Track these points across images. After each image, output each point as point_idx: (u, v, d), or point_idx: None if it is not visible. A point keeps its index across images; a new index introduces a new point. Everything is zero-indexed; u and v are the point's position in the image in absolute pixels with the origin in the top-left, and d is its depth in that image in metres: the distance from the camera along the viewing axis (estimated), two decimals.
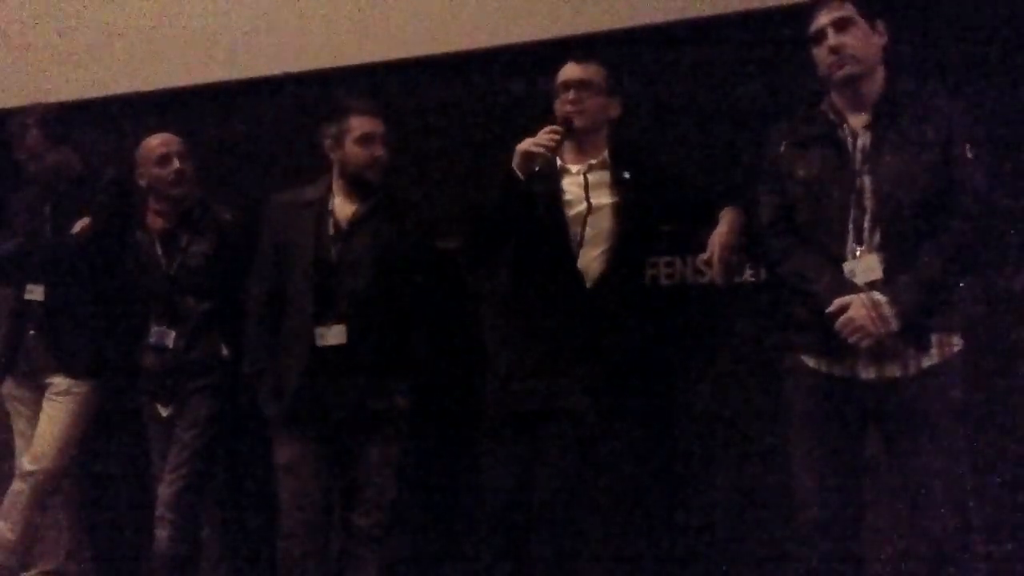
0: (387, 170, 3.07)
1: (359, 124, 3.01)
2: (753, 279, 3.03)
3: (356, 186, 3.05)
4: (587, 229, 2.78)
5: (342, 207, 3.05)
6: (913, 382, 2.37)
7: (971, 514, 2.38)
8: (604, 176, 2.84)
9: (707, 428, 3.09)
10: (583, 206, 2.79)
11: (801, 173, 2.49)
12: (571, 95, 2.80)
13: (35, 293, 3.40)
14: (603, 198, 2.81)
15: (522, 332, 2.81)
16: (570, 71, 2.84)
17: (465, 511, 3.29)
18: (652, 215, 2.83)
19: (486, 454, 2.88)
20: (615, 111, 2.89)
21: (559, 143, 2.69)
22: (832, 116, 2.50)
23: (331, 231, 3.01)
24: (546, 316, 2.77)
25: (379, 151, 3.02)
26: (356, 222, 3.02)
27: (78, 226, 3.37)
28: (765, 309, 2.96)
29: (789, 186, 2.52)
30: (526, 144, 2.67)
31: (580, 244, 2.77)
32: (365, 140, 3.01)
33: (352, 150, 3.02)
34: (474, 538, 3.20)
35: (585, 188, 2.81)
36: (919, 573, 2.41)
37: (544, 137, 2.68)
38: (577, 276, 2.76)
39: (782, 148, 2.55)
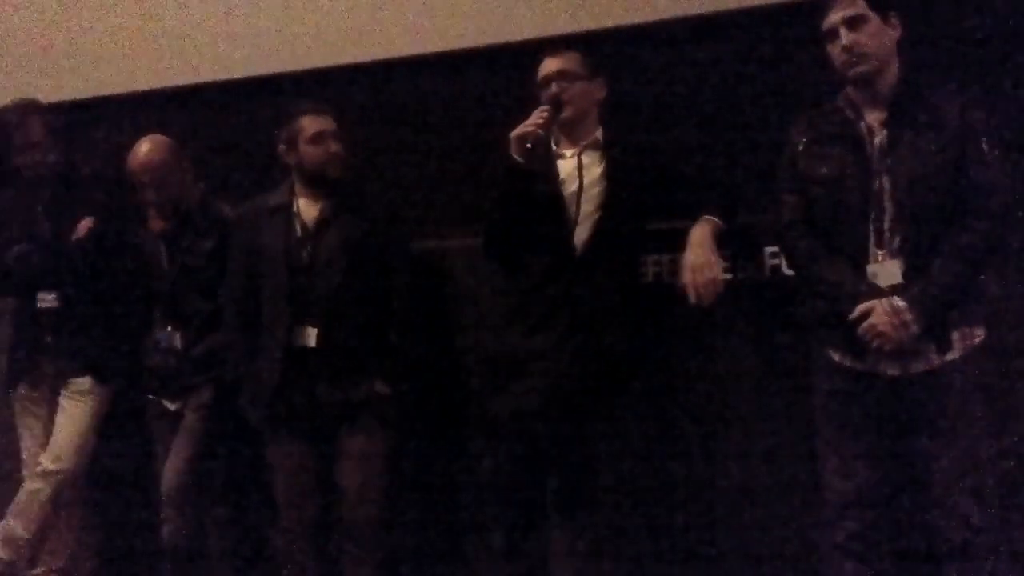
0: (346, 166, 3.09)
1: (310, 123, 3.06)
2: (756, 275, 3.01)
3: (318, 186, 3.08)
4: (582, 206, 2.81)
5: (307, 209, 3.08)
6: (937, 376, 2.40)
7: (995, 505, 2.39)
8: (596, 155, 2.87)
9: (715, 427, 3.08)
10: (576, 184, 2.83)
11: (821, 171, 2.50)
12: (553, 88, 2.84)
13: (48, 300, 3.37)
14: (595, 174, 2.84)
15: (519, 312, 2.84)
16: (547, 65, 2.89)
17: (460, 507, 3.29)
18: (641, 183, 2.82)
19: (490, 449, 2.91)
20: (600, 92, 2.92)
21: (549, 121, 2.73)
22: (849, 113, 2.50)
23: (299, 233, 3.04)
24: (542, 293, 2.80)
25: (333, 147, 3.06)
26: (322, 222, 3.05)
27: (82, 228, 3.35)
28: (768, 307, 2.96)
29: (809, 185, 2.52)
30: (518, 128, 2.72)
31: (576, 221, 2.80)
32: (318, 138, 3.05)
33: (306, 150, 3.05)
34: (469, 534, 3.22)
35: (579, 168, 2.85)
36: (944, 566, 2.42)
37: (534, 116, 2.72)
38: (572, 253, 2.79)
39: (800, 146, 2.56)
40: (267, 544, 3.41)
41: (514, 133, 2.72)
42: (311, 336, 2.96)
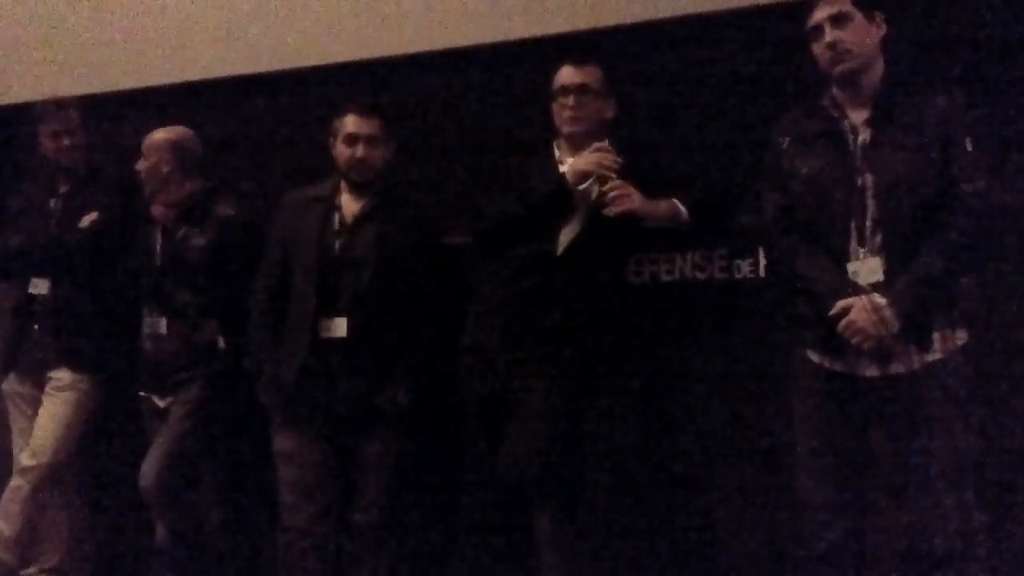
0: (381, 170, 3.10)
1: (348, 124, 3.07)
2: (753, 275, 3.03)
3: (352, 183, 3.09)
4: (573, 208, 2.82)
5: (348, 203, 3.10)
6: (916, 378, 2.38)
7: (975, 509, 2.37)
8: None
9: (711, 428, 3.09)
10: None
11: (803, 170, 2.50)
12: (570, 100, 2.87)
13: (40, 287, 3.41)
14: (590, 179, 2.84)
15: (495, 306, 2.87)
16: (568, 76, 2.90)
17: (466, 508, 3.28)
18: (637, 188, 2.82)
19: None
20: (611, 112, 2.95)
21: (615, 168, 2.78)
22: (833, 111, 2.50)
23: (336, 226, 3.06)
24: (519, 288, 2.83)
25: (361, 152, 3.06)
26: (360, 218, 3.06)
27: (86, 220, 3.39)
28: (765, 305, 2.96)
29: (791, 183, 2.52)
30: (585, 164, 2.78)
31: (564, 221, 2.81)
32: (350, 140, 3.06)
33: (339, 149, 3.09)
34: (474, 536, 3.21)
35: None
36: (923, 569, 2.40)
37: (608, 160, 2.77)
38: (553, 250, 2.82)
39: (784, 144, 2.56)
40: (262, 542, 3.41)
41: (578, 166, 2.77)
42: (337, 328, 2.97)
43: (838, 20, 2.45)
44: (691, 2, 3.13)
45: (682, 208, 2.82)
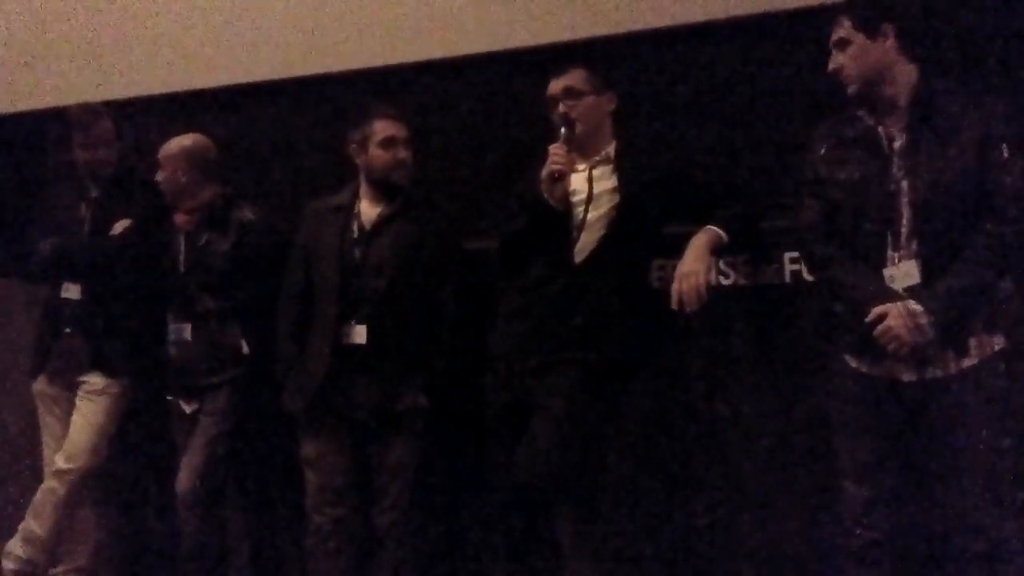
0: (412, 172, 3.13)
1: (382, 128, 3.09)
2: (777, 280, 3.01)
3: (382, 189, 3.11)
4: (589, 214, 2.82)
5: (367, 210, 3.12)
6: (954, 382, 2.40)
7: (1012, 512, 2.38)
8: (609, 169, 2.89)
9: (733, 433, 3.07)
10: (584, 195, 2.84)
11: (841, 176, 2.52)
12: (561, 108, 2.87)
13: (71, 291, 3.44)
14: (605, 186, 2.86)
15: (516, 313, 2.87)
16: (552, 86, 2.92)
17: (484, 509, 3.28)
18: (652, 198, 2.84)
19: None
20: (610, 104, 2.95)
21: (568, 151, 2.77)
22: (868, 119, 2.52)
23: (355, 233, 3.08)
24: (539, 296, 2.83)
25: (402, 154, 3.09)
26: (380, 224, 3.08)
27: (119, 227, 3.42)
28: (802, 310, 2.96)
29: (829, 189, 2.54)
30: (545, 169, 2.76)
31: (581, 227, 2.82)
32: (388, 144, 3.08)
33: (376, 154, 3.09)
34: (493, 537, 3.22)
35: (589, 180, 2.86)
36: (959, 569, 2.41)
37: (552, 157, 2.76)
38: (571, 261, 2.81)
39: (822, 151, 2.57)
40: (286, 545, 3.43)
41: (543, 174, 2.76)
42: (359, 334, 3.00)
43: (839, 45, 2.51)
44: (702, 9, 3.16)
45: (721, 233, 2.80)
